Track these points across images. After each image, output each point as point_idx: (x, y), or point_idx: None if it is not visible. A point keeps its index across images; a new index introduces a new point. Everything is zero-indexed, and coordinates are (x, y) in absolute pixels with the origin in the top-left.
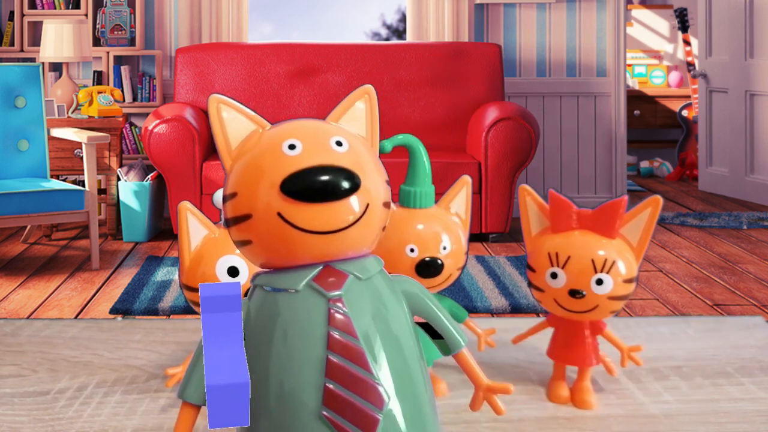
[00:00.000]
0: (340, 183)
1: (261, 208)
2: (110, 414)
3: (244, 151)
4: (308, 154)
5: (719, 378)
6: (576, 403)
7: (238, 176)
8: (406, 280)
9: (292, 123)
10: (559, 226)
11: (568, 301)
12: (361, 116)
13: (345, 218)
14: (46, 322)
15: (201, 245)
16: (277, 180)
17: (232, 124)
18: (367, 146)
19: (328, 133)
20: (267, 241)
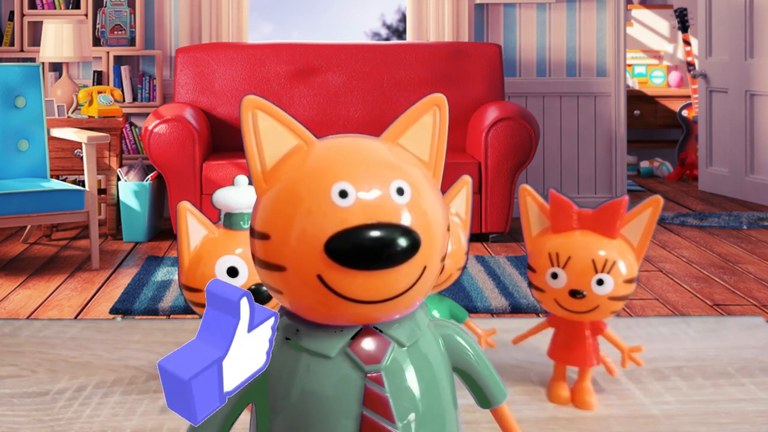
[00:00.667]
0: (397, 248)
1: (298, 264)
2: (109, 414)
3: (282, 176)
4: (363, 208)
5: (720, 378)
6: (576, 403)
7: (272, 214)
8: (447, 326)
9: (344, 152)
10: (559, 226)
11: (569, 302)
12: (427, 134)
13: (397, 287)
14: (45, 323)
15: (200, 245)
16: (321, 236)
17: (270, 136)
18: (430, 182)
19: (388, 176)
20: (301, 300)
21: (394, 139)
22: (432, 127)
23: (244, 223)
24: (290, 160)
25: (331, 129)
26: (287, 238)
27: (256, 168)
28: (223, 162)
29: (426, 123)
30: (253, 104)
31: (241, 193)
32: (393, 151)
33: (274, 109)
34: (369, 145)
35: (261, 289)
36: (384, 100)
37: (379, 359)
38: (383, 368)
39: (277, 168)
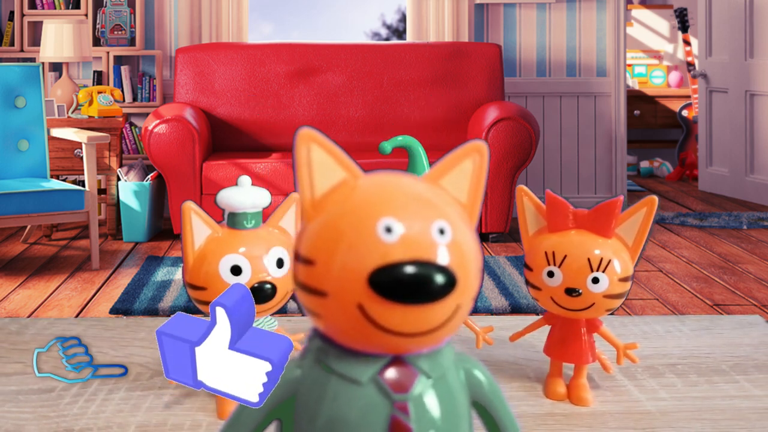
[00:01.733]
0: (435, 284)
1: (340, 293)
2: (114, 410)
3: (330, 206)
4: (407, 244)
5: (714, 375)
6: (572, 399)
7: (318, 242)
8: (468, 361)
9: (390, 188)
10: (555, 225)
11: (565, 300)
12: (466, 178)
13: (431, 322)
14: (50, 321)
15: (204, 244)
16: (366, 268)
17: (321, 168)
18: (468, 224)
19: (431, 215)
20: (339, 325)
21: (436, 180)
22: (472, 172)
23: (247, 223)
24: (339, 191)
25: (331, 129)
26: (332, 267)
27: (306, 196)
28: (223, 162)
29: (466, 167)
30: (309, 137)
31: (245, 193)
32: (435, 191)
33: (327, 143)
34: (413, 184)
35: (264, 287)
36: (384, 100)
37: (407, 388)
38: (410, 398)
39: (326, 198)
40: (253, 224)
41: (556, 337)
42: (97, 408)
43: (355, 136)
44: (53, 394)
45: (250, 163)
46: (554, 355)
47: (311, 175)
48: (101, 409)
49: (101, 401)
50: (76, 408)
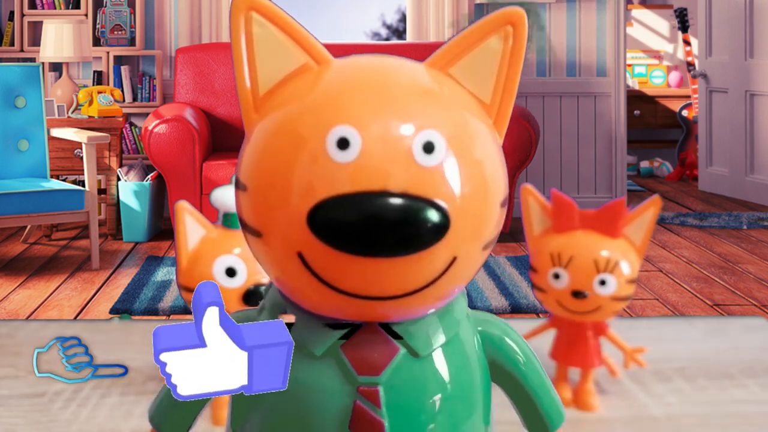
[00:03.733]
0: (410, 229)
1: (275, 233)
2: (107, 416)
3: (277, 107)
4: (366, 166)
5: (723, 380)
6: (579, 405)
7: (252, 159)
8: (489, 322)
9: (360, 79)
10: (561, 225)
11: (571, 302)
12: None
13: (408, 282)
14: (42, 324)
15: (198, 245)
16: (305, 201)
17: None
18: (483, 134)
19: (414, 121)
20: (279, 279)
21: (444, 66)
22: (501, 55)
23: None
24: (292, 84)
25: None
26: (264, 196)
27: (245, 92)
28: (223, 162)
29: (492, 48)
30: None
31: None
32: (436, 83)
33: (276, 12)
34: (402, 72)
35: (259, 290)
36: None
37: (379, 369)
38: (382, 382)
39: (274, 94)
40: None
41: (562, 340)
42: (89, 413)
43: None
44: (45, 399)
45: None
46: (560, 360)
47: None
48: (94, 414)
49: (94, 406)
50: (68, 413)
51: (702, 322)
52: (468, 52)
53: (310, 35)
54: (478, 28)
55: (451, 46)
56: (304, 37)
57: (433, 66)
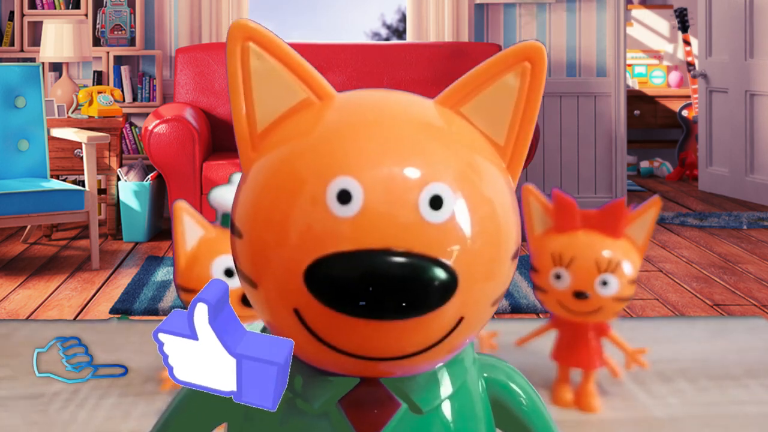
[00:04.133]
0: (416, 292)
1: (271, 287)
2: (106, 417)
3: (276, 146)
4: (369, 222)
5: (725, 380)
6: (580, 406)
7: (248, 204)
8: (494, 367)
9: (362, 123)
10: (563, 226)
11: (573, 303)
12: (507, 102)
13: (409, 344)
14: (41, 324)
15: (197, 245)
16: (302, 257)
17: (266, 83)
18: (496, 182)
19: (420, 173)
20: (277, 331)
21: (456, 104)
22: (517, 93)
23: None
24: (292, 122)
25: None
26: (260, 246)
27: (242, 129)
28: (223, 162)
29: (508, 85)
30: (245, 33)
31: None
32: (446, 125)
33: (275, 43)
34: (411, 113)
35: None
36: None
37: (378, 427)
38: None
39: (272, 132)
40: None
41: (564, 341)
42: (87, 414)
43: None
44: (43, 400)
45: None
46: (561, 361)
47: (249, 95)
48: (92, 415)
49: (92, 407)
50: (67, 414)
51: (703, 323)
52: (482, 89)
53: (311, 68)
54: (493, 64)
55: (464, 83)
56: (305, 69)
57: (444, 104)
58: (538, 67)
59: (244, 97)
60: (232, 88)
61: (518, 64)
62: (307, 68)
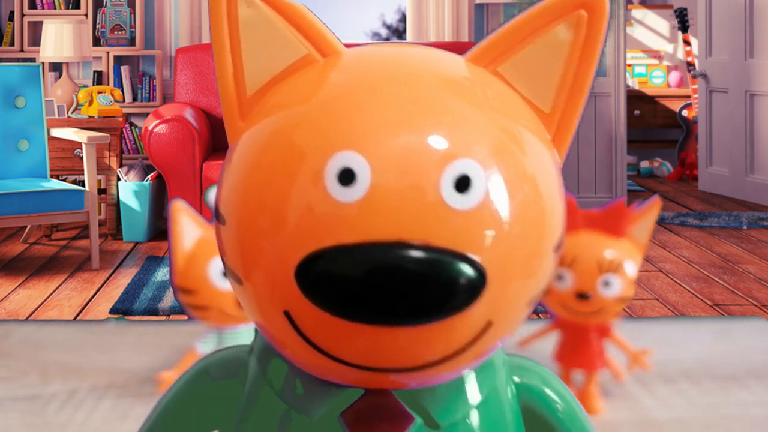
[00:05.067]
0: (439, 293)
1: (257, 285)
2: (103, 418)
3: (268, 114)
4: (378, 209)
5: (728, 382)
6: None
7: (232, 183)
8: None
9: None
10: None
11: (575, 303)
12: (556, 62)
13: (435, 351)
14: (37, 325)
15: (195, 246)
16: (292, 252)
17: (257, 36)
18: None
19: (445, 149)
20: (267, 333)
21: (492, 62)
22: (569, 49)
23: None
24: (288, 84)
25: None
26: (246, 235)
27: (228, 93)
28: (223, 162)
29: (559, 39)
30: None
31: None
32: (479, 87)
33: None
34: (434, 72)
35: None
36: None
37: None
38: None
39: (265, 95)
40: None
41: (566, 342)
42: (84, 416)
43: None
44: (40, 401)
45: None
46: (564, 362)
47: (238, 52)
48: (89, 417)
49: (89, 409)
50: (64, 416)
51: (706, 324)
52: (525, 44)
53: (313, 17)
54: (540, 13)
55: (501, 36)
56: (307, 19)
57: (476, 62)
58: (596, 17)
59: (230, 54)
60: (215, 43)
61: (572, 13)
62: (308, 18)
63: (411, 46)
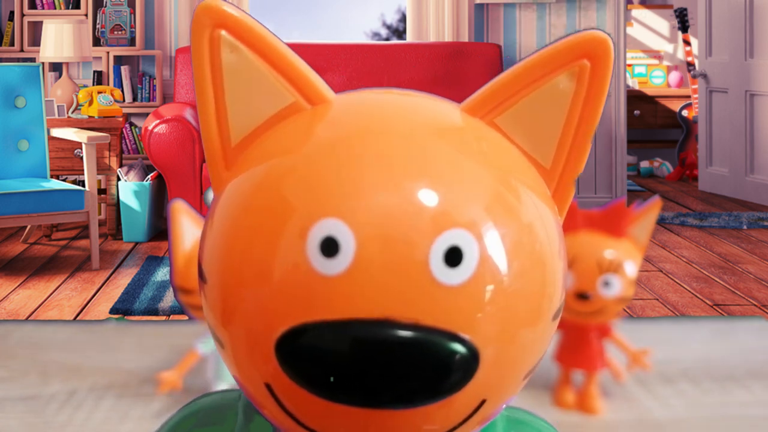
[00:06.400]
0: (428, 376)
1: (239, 351)
2: (103, 419)
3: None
4: (363, 283)
5: (728, 382)
6: (583, 408)
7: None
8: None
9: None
10: (564, 226)
11: (575, 303)
12: (558, 114)
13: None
14: (37, 326)
15: (195, 246)
16: (273, 328)
17: (240, 81)
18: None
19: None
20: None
21: (489, 112)
22: (571, 100)
23: None
24: (274, 134)
25: None
26: (227, 299)
27: (212, 141)
28: None
29: (561, 90)
30: (215, 19)
31: None
32: (475, 143)
33: (254, 30)
34: (428, 126)
35: None
36: None
37: None
38: None
39: (250, 145)
40: None
41: (566, 343)
42: (84, 416)
43: None
44: (39, 402)
45: None
46: (564, 362)
47: (221, 100)
48: (89, 417)
49: (89, 409)
50: (63, 416)
51: (706, 324)
52: (525, 94)
53: (301, 63)
54: (540, 62)
55: (500, 85)
56: (293, 66)
57: (473, 112)
58: (600, 66)
59: (214, 101)
60: (198, 89)
61: (574, 62)
62: (295, 64)
63: (405, 94)
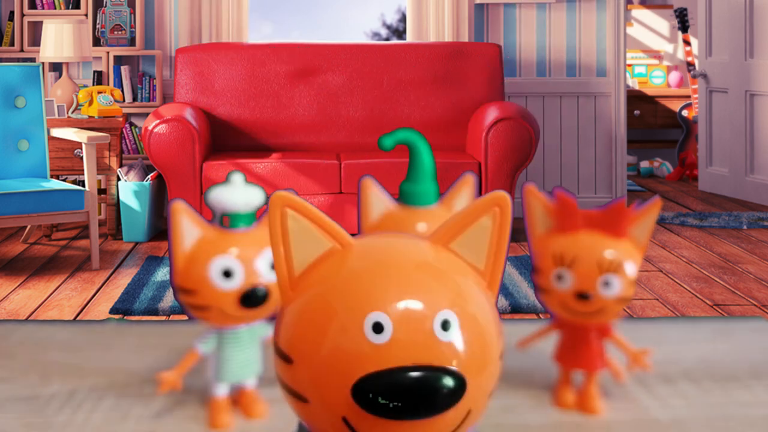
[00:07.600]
0: (438, 395)
1: (322, 401)
2: (103, 419)
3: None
4: (400, 346)
5: (728, 382)
6: (582, 408)
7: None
8: None
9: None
10: (564, 226)
11: (575, 303)
12: (484, 238)
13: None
14: (37, 326)
15: (195, 246)
16: (349, 376)
17: (300, 238)
18: (482, 301)
19: (432, 306)
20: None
21: (446, 242)
22: (491, 231)
23: (240, 223)
24: (322, 266)
25: (331, 129)
26: (311, 370)
27: (282, 273)
28: (223, 162)
29: (484, 226)
30: (283, 202)
31: (236, 191)
32: (444, 261)
33: (306, 208)
34: (414, 258)
35: (256, 291)
36: (384, 100)
37: None
38: None
39: (308, 275)
40: (246, 225)
41: (566, 343)
42: (84, 416)
43: (355, 136)
44: (39, 402)
45: (250, 162)
46: (564, 362)
47: (287, 249)
48: (89, 417)
49: (89, 409)
50: (64, 416)
51: (706, 324)
52: (465, 228)
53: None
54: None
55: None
56: (330, 225)
57: (437, 242)
58: (505, 211)
59: (283, 249)
60: (273, 243)
61: (490, 209)
62: (331, 224)
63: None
